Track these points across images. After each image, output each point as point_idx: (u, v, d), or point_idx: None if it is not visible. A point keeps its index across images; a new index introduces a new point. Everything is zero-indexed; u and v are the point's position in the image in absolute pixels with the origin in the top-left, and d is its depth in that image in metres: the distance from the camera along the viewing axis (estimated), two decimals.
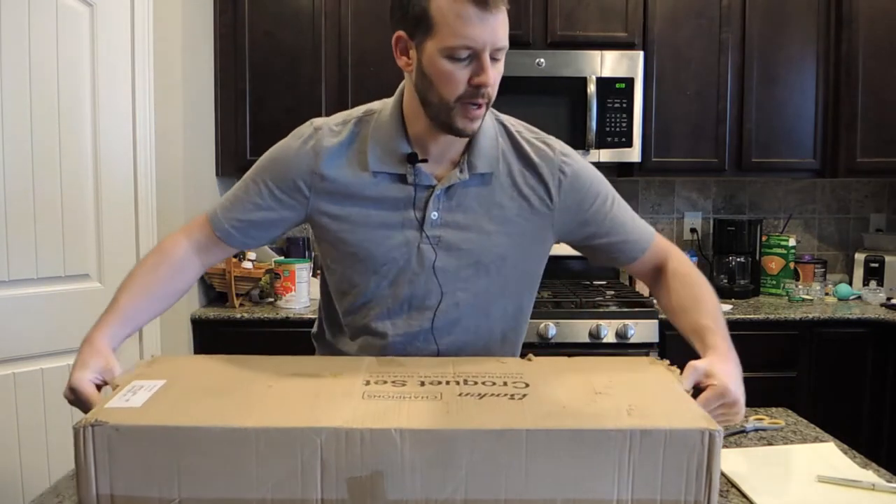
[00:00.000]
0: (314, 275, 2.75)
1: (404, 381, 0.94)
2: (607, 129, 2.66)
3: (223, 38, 2.72)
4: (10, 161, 1.91)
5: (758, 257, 2.94)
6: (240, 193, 1.19)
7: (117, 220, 2.17)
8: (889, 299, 2.76)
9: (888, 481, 1.09)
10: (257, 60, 2.71)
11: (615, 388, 0.93)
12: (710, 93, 2.76)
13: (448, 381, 0.94)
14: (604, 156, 2.67)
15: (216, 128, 2.75)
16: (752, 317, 2.53)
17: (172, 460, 0.81)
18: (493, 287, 1.19)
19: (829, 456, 1.21)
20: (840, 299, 2.83)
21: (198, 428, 0.81)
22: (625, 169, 2.91)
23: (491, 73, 1.02)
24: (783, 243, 2.94)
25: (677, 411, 0.86)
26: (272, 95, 2.71)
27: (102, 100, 2.11)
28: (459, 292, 1.18)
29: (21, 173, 1.94)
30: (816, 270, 2.97)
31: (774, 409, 1.45)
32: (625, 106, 2.66)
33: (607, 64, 2.65)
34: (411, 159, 1.12)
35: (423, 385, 0.93)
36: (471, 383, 0.94)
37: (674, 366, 1.03)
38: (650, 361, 1.07)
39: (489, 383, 0.94)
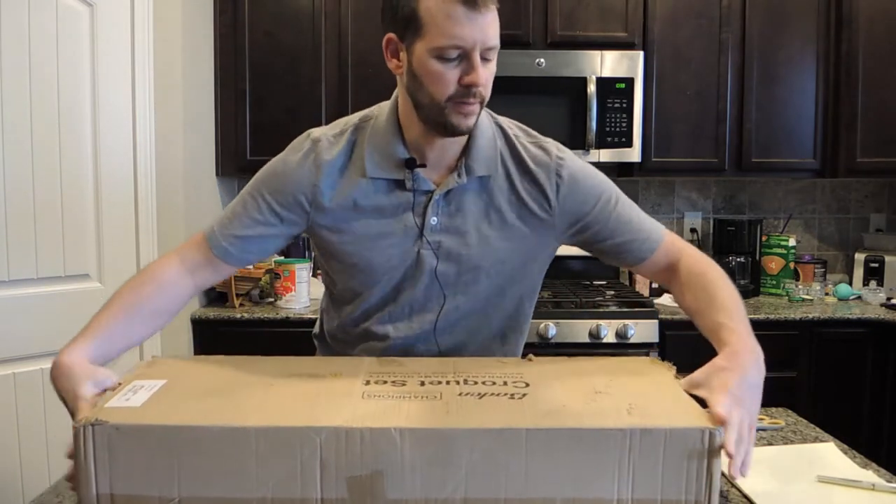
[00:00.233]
0: (314, 275, 2.75)
1: (404, 381, 0.94)
2: (607, 129, 2.66)
3: (223, 38, 2.72)
4: (10, 161, 1.91)
5: (758, 257, 2.94)
6: (237, 210, 1.16)
7: (117, 220, 2.17)
8: (889, 299, 2.76)
9: (888, 481, 1.09)
10: (257, 60, 2.71)
11: (615, 387, 0.93)
12: (710, 93, 2.76)
13: (448, 381, 0.94)
14: (604, 156, 2.67)
15: (216, 128, 2.75)
16: (752, 317, 2.49)
17: (172, 460, 0.80)
18: (493, 290, 1.19)
19: (829, 456, 1.20)
20: (840, 299, 2.82)
21: (198, 427, 0.81)
22: (625, 169, 2.91)
23: (481, 73, 1.01)
24: (783, 243, 2.94)
25: (678, 410, 0.86)
26: (272, 95, 2.71)
27: (102, 100, 2.11)
28: (460, 295, 1.18)
29: (21, 173, 1.94)
30: (816, 270, 2.97)
31: (774, 409, 1.45)
32: (625, 106, 2.66)
33: (607, 64, 2.65)
34: (409, 164, 1.11)
35: (423, 385, 0.93)
36: (471, 383, 0.94)
37: (674, 367, 1.02)
38: (651, 361, 1.07)
39: (489, 383, 0.94)
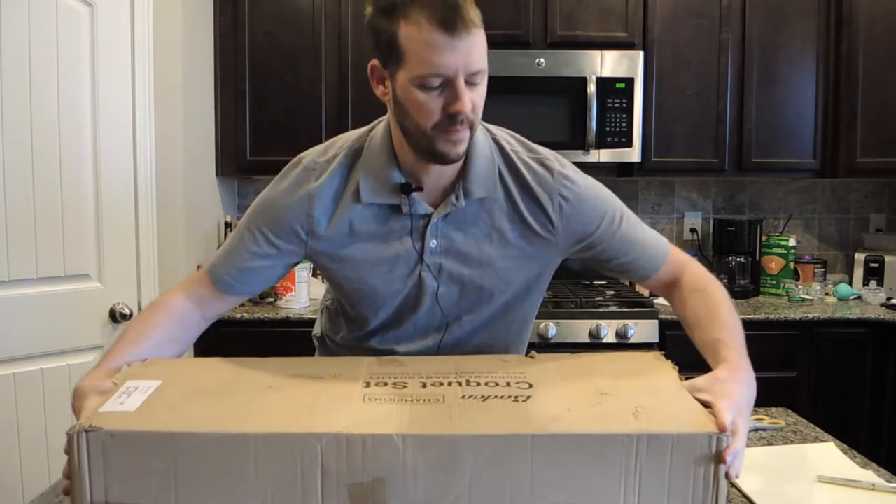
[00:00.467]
0: (314, 275, 2.75)
1: (405, 383, 0.92)
2: (607, 129, 2.66)
3: (223, 38, 2.72)
4: (11, 161, 1.91)
5: (758, 257, 2.94)
6: (235, 243, 1.15)
7: (117, 221, 2.17)
8: (889, 299, 2.76)
9: (888, 481, 1.09)
10: (257, 60, 2.71)
11: (620, 388, 0.91)
12: (710, 93, 2.76)
13: (450, 382, 0.92)
14: (604, 156, 2.67)
15: (216, 128, 2.75)
16: (752, 317, 2.53)
17: (169, 467, 0.79)
18: (499, 310, 1.18)
19: (829, 456, 1.20)
20: (840, 299, 2.82)
21: (194, 434, 0.79)
22: (625, 169, 2.91)
23: (466, 100, 0.96)
24: (783, 243, 2.94)
25: (684, 414, 0.85)
26: (272, 95, 2.71)
27: (102, 100, 2.11)
28: (464, 315, 1.17)
29: (21, 173, 1.94)
30: (816, 270, 2.97)
31: (774, 409, 1.45)
32: (625, 106, 2.66)
33: (607, 64, 2.65)
34: (405, 189, 1.08)
35: (424, 387, 0.91)
36: (473, 384, 0.92)
37: (676, 366, 1.01)
38: (654, 357, 1.05)
39: (492, 384, 0.92)
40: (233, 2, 2.69)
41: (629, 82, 2.66)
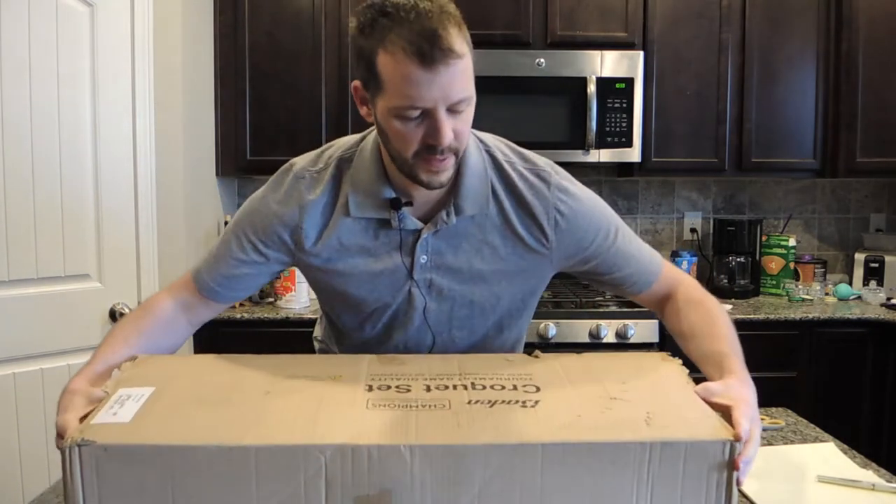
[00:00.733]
0: None
1: (409, 386, 0.89)
2: (607, 129, 2.66)
3: (223, 38, 2.72)
4: (10, 161, 1.91)
5: (758, 257, 2.94)
6: (222, 250, 1.13)
7: (117, 220, 2.17)
8: (889, 299, 2.76)
9: (888, 481, 1.09)
10: (257, 61, 2.71)
11: (631, 392, 0.89)
12: (710, 93, 2.76)
13: (455, 386, 0.90)
14: (604, 156, 2.67)
15: (216, 128, 2.75)
16: (752, 317, 2.53)
17: (165, 481, 0.76)
18: (492, 327, 1.16)
19: (829, 456, 1.21)
20: (840, 299, 2.82)
21: (192, 447, 0.76)
22: (625, 169, 2.91)
23: (445, 132, 0.92)
24: (783, 243, 2.94)
25: (697, 420, 0.82)
26: (272, 95, 2.71)
27: (102, 100, 2.11)
28: (455, 331, 1.15)
29: (21, 173, 1.94)
30: (816, 270, 2.97)
31: (774, 409, 1.45)
32: (625, 106, 2.66)
33: (607, 64, 2.65)
34: (395, 205, 1.05)
35: (428, 391, 0.88)
36: (479, 387, 0.89)
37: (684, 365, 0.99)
38: (662, 357, 1.02)
39: (498, 387, 0.90)
40: (233, 2, 2.69)
41: (629, 82, 2.66)
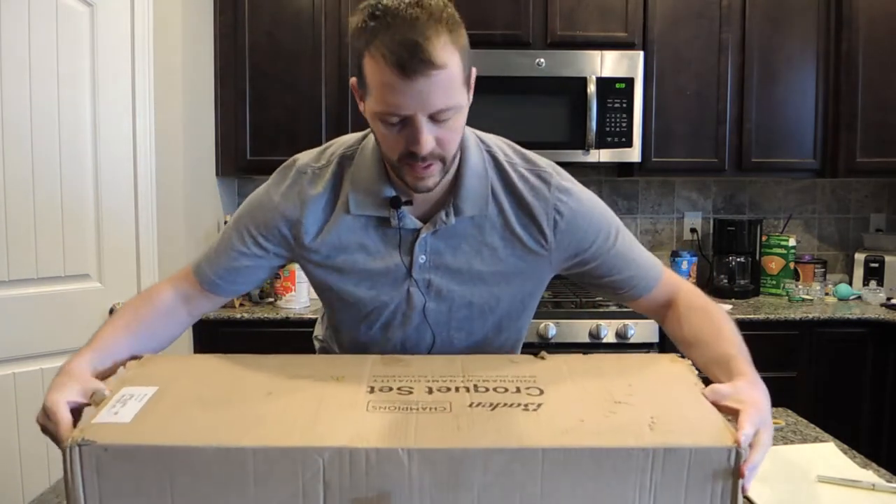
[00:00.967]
0: None
1: (411, 388, 0.89)
2: (607, 129, 2.66)
3: (223, 38, 2.72)
4: (11, 161, 1.91)
5: (758, 257, 2.94)
6: (223, 243, 1.14)
7: (117, 220, 2.17)
8: (889, 299, 2.76)
9: (888, 481, 1.09)
10: (257, 61, 2.70)
11: (635, 395, 0.88)
12: (710, 93, 2.76)
13: (457, 388, 0.89)
14: (604, 156, 2.67)
15: (216, 128, 2.75)
16: (752, 317, 2.53)
17: (165, 482, 0.76)
18: (489, 325, 1.16)
19: (829, 456, 1.20)
20: (840, 299, 2.82)
21: (191, 448, 0.76)
22: (625, 169, 2.91)
23: (425, 140, 0.92)
24: (783, 243, 2.94)
25: (702, 425, 0.81)
26: (272, 95, 2.71)
27: (102, 100, 2.11)
28: (454, 332, 1.15)
29: (21, 173, 1.94)
30: (816, 270, 2.97)
31: (774, 409, 1.45)
32: (625, 106, 2.66)
33: (607, 64, 2.65)
34: (394, 203, 1.05)
35: (430, 393, 0.87)
36: (481, 390, 0.88)
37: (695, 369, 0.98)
38: (671, 360, 1.01)
39: (501, 389, 0.88)
40: (233, 2, 2.69)
41: (629, 82, 2.66)
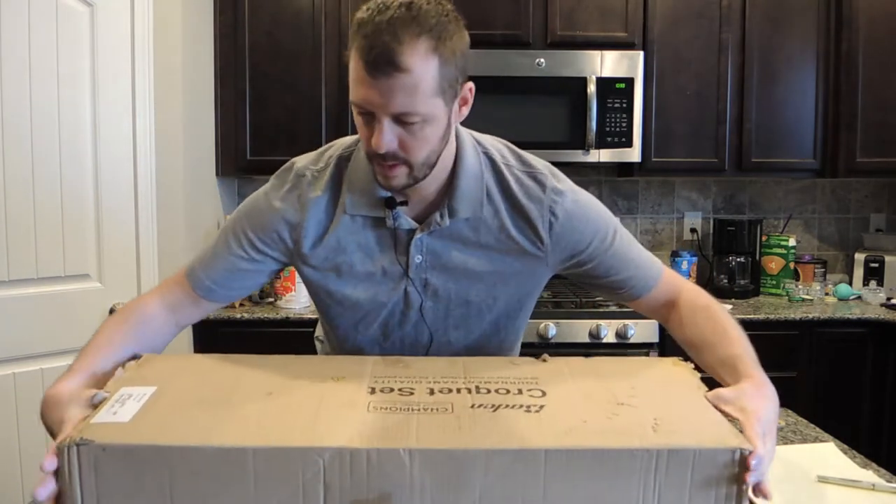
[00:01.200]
0: None
1: (412, 389, 0.88)
2: (607, 129, 2.66)
3: (223, 38, 2.72)
4: (11, 161, 1.91)
5: (758, 257, 2.94)
6: (220, 247, 1.12)
7: (117, 220, 2.17)
8: (889, 299, 2.76)
9: (888, 481, 1.09)
10: (257, 61, 2.70)
11: (638, 397, 0.88)
12: (710, 93, 2.76)
13: (459, 389, 0.88)
14: (604, 156, 2.67)
15: (216, 128, 2.75)
16: (752, 317, 2.53)
17: (164, 482, 0.75)
18: (486, 324, 1.16)
19: (829, 456, 1.20)
20: (840, 299, 2.82)
21: (191, 447, 0.76)
22: (625, 169, 2.91)
23: (381, 139, 0.93)
24: (783, 243, 2.94)
25: (706, 426, 0.81)
26: (272, 95, 2.71)
27: (102, 100, 2.11)
28: (451, 331, 1.15)
29: (21, 173, 1.94)
30: (816, 270, 2.97)
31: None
32: (625, 106, 2.66)
33: (607, 64, 2.65)
34: (389, 203, 1.05)
35: (432, 394, 0.87)
36: (483, 391, 0.88)
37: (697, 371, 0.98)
38: (673, 363, 1.00)
39: (503, 391, 0.88)
40: (233, 2, 2.69)
41: (629, 82, 2.66)
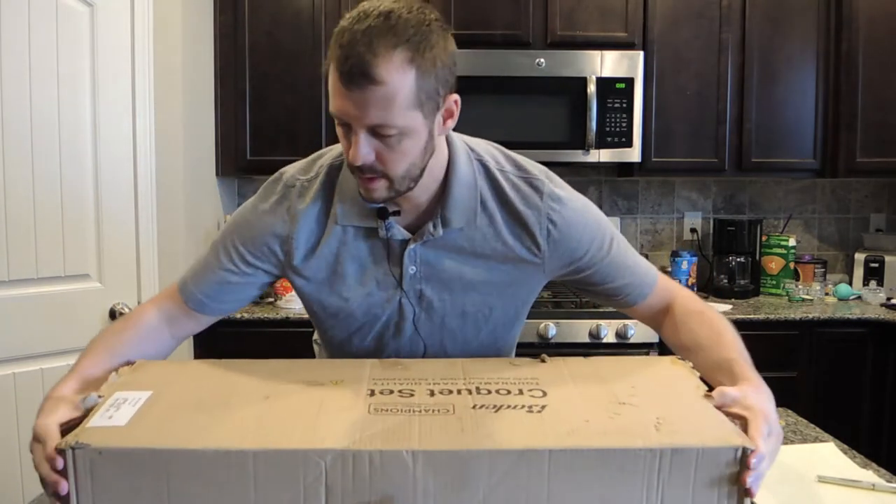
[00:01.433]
0: None
1: (412, 391, 0.88)
2: (607, 129, 2.66)
3: (223, 38, 2.72)
4: (11, 161, 1.91)
5: (758, 257, 2.94)
6: (210, 260, 1.11)
7: (117, 220, 2.17)
8: (889, 299, 2.76)
9: (888, 481, 1.09)
10: (257, 61, 2.70)
11: (639, 396, 0.87)
12: (710, 93, 2.76)
13: (460, 390, 0.88)
14: (604, 156, 2.67)
15: (216, 128, 2.75)
16: (752, 317, 2.53)
17: (161, 486, 0.74)
18: (482, 335, 1.15)
19: (829, 456, 1.21)
20: (840, 299, 2.82)
21: (189, 450, 0.75)
22: (625, 169, 2.91)
23: (356, 151, 0.91)
24: (783, 243, 2.94)
25: (708, 425, 0.81)
26: (272, 95, 2.71)
27: (102, 100, 2.11)
28: (447, 342, 1.13)
29: (21, 173, 1.94)
30: (816, 270, 2.97)
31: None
32: (625, 106, 2.66)
33: (607, 64, 2.65)
34: (381, 214, 1.03)
35: (432, 395, 0.86)
36: (484, 392, 0.87)
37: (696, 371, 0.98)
38: (671, 362, 1.01)
39: (504, 392, 0.88)
40: (233, 2, 2.69)
41: (629, 82, 2.66)
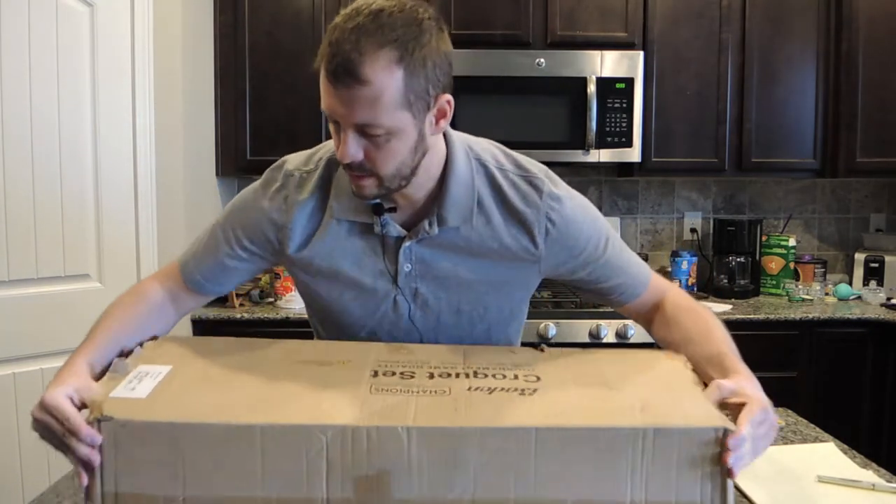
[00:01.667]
0: None
1: (413, 373, 0.92)
2: (607, 129, 2.66)
3: (223, 38, 2.72)
4: (11, 161, 1.91)
5: (758, 257, 2.94)
6: (209, 242, 1.13)
7: (117, 220, 2.17)
8: (889, 299, 2.76)
9: (888, 481, 1.09)
10: (257, 61, 2.70)
11: (628, 383, 0.91)
12: (710, 93, 2.76)
13: (458, 374, 0.92)
14: (604, 156, 2.67)
15: (216, 128, 2.75)
16: (752, 317, 2.53)
17: (177, 457, 0.79)
18: (477, 332, 1.15)
19: (829, 456, 1.21)
20: (840, 299, 2.82)
21: (201, 424, 0.79)
22: (625, 169, 2.91)
23: (344, 149, 0.92)
24: (783, 243, 2.94)
25: (692, 408, 0.84)
26: (272, 95, 2.71)
27: (102, 100, 2.11)
28: (442, 337, 1.13)
29: (21, 173, 1.94)
30: (816, 270, 2.97)
31: (774, 409, 1.45)
32: (625, 106, 2.66)
33: (607, 64, 2.65)
34: (377, 210, 1.04)
35: (431, 378, 0.90)
36: (481, 376, 0.91)
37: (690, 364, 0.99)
38: (666, 355, 1.03)
39: (499, 376, 0.91)
40: (233, 2, 2.69)
41: (629, 82, 2.66)
